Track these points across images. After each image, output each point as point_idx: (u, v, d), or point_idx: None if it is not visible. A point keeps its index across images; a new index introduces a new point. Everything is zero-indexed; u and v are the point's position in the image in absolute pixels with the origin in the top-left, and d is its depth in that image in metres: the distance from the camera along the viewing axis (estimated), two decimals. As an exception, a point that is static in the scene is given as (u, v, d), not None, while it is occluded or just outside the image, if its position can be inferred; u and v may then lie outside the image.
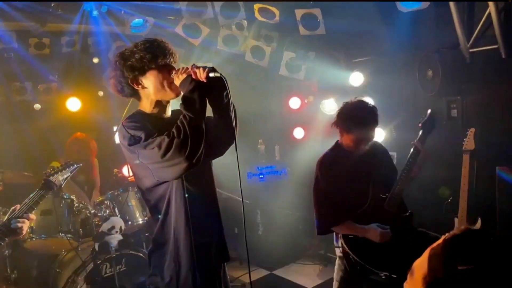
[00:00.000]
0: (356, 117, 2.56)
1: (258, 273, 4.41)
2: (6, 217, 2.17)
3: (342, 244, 2.59)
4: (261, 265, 4.49)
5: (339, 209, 2.55)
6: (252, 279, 4.27)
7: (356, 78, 4.39)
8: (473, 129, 3.26)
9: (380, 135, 4.30)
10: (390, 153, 4.13)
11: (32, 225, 3.25)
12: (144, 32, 4.12)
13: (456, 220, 3.28)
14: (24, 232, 2.16)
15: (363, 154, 2.64)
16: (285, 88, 5.15)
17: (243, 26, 4.40)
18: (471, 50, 3.52)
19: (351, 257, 2.54)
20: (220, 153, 2.02)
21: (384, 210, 2.60)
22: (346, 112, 2.60)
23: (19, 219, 2.13)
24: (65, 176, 2.65)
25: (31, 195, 2.35)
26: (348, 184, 2.58)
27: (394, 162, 4.05)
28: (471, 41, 3.49)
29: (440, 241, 0.81)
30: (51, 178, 2.56)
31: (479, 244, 0.77)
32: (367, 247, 2.49)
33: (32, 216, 2.21)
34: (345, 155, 2.64)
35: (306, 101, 5.03)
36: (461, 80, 3.63)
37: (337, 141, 2.74)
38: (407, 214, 2.67)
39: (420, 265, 0.81)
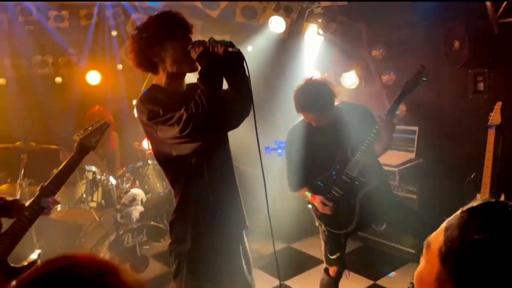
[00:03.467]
0: (295, 102, 2.64)
1: (276, 246, 4.43)
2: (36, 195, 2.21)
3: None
4: (279, 238, 4.54)
5: (303, 174, 2.76)
6: (269, 251, 4.32)
7: (378, 50, 4.27)
8: (499, 103, 3.16)
9: (402, 108, 4.22)
10: (411, 127, 4.07)
11: (57, 196, 3.34)
12: (162, 4, 4.08)
13: (478, 196, 3.23)
14: (51, 211, 2.23)
15: (330, 124, 2.68)
16: (305, 61, 5.06)
17: (262, -4, 4.31)
18: (499, 21, 3.36)
19: (314, 215, 2.88)
20: (235, 125, 2.01)
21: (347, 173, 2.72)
22: (295, 95, 2.65)
23: (49, 199, 2.19)
24: (97, 137, 2.39)
25: (65, 162, 2.28)
26: (313, 152, 2.72)
27: (415, 137, 4.01)
28: (500, 12, 3.33)
29: (457, 212, 0.79)
30: (84, 141, 2.34)
31: (496, 214, 0.75)
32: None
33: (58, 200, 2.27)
34: (310, 126, 2.71)
35: (326, 74, 4.93)
36: (488, 52, 3.49)
37: None
38: (363, 181, 2.71)
39: (436, 237, 0.80)
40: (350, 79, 4.36)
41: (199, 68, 1.77)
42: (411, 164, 3.89)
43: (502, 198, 2.66)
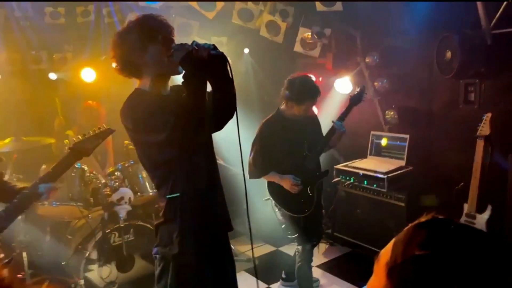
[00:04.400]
0: (308, 90, 2.99)
1: (265, 249, 4.46)
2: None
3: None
4: (268, 241, 4.54)
5: (272, 161, 3.10)
6: (258, 254, 4.32)
7: (372, 57, 4.28)
8: (489, 114, 3.18)
9: (393, 116, 4.24)
10: (402, 135, 4.10)
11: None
12: (158, 4, 4.08)
13: (465, 206, 3.24)
14: (50, 194, 2.25)
15: (301, 120, 3.09)
16: (300, 65, 5.07)
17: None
18: (493, 32, 3.38)
19: (272, 200, 3.22)
20: (219, 127, 2.00)
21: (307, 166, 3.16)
22: (299, 86, 2.99)
23: (48, 185, 2.21)
24: (95, 143, 2.38)
25: (59, 162, 2.28)
26: (284, 145, 3.09)
27: (406, 144, 4.03)
28: (493, 22, 3.35)
29: (407, 227, 0.81)
30: (77, 147, 2.34)
31: (438, 231, 0.76)
32: (283, 194, 3.12)
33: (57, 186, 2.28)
34: (285, 120, 3.10)
35: (320, 79, 4.94)
36: (480, 62, 3.50)
37: (279, 108, 3.16)
38: (323, 172, 3.26)
39: (386, 251, 0.81)
40: (344, 85, 4.37)
41: (183, 70, 1.78)
42: (400, 171, 3.90)
43: (489, 209, 2.65)
